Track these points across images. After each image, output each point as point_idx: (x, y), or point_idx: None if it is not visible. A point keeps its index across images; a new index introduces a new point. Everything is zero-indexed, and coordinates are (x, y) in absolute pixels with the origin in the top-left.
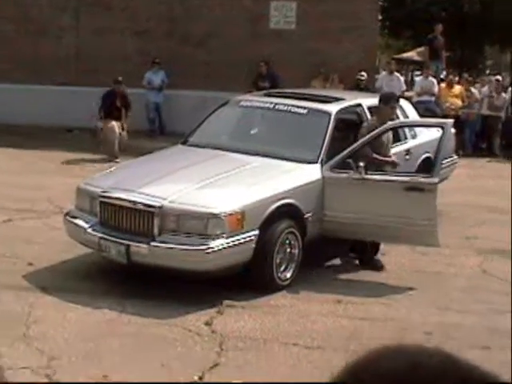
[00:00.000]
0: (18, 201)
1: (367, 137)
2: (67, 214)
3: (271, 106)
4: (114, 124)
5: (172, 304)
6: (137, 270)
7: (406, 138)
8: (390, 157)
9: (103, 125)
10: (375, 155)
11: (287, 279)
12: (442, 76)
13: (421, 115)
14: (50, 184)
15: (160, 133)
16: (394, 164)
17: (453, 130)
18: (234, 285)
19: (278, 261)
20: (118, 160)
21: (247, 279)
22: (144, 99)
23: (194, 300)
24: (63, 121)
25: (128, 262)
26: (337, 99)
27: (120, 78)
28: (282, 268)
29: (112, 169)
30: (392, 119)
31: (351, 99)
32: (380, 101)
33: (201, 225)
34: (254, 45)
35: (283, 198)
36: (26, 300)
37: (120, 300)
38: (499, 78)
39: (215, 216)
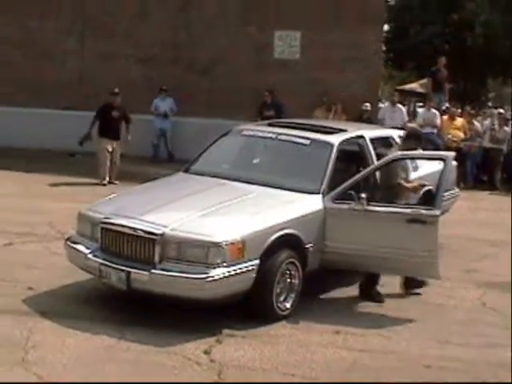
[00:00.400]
0: (18, 224)
1: (369, 168)
2: (68, 239)
3: (274, 135)
4: (108, 146)
5: (171, 332)
6: (137, 297)
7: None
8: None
9: (97, 146)
10: (405, 183)
11: (287, 309)
12: (443, 108)
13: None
14: (50, 208)
15: (168, 160)
16: (422, 186)
17: (454, 163)
18: (233, 314)
19: (278, 291)
20: (104, 182)
21: (247, 308)
22: (147, 125)
23: (194, 328)
24: (66, 145)
25: (128, 288)
26: (339, 130)
27: (116, 90)
28: (282, 298)
29: (113, 195)
30: None
31: (354, 131)
32: (410, 137)
33: (202, 253)
34: (258, 74)
35: (284, 228)
36: (25, 324)
37: (119, 327)
38: (501, 110)
39: (216, 245)
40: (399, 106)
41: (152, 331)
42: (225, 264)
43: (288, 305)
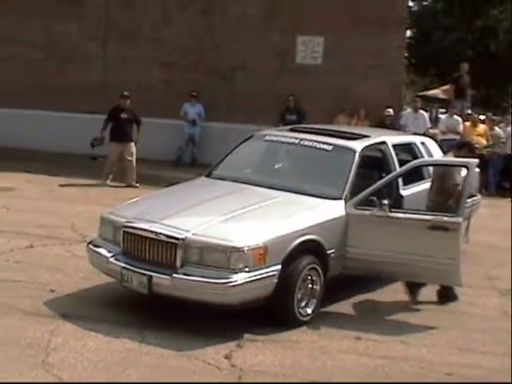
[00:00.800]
0: (39, 227)
1: (392, 175)
2: (90, 242)
3: (296, 141)
4: (117, 150)
5: (192, 336)
6: (159, 301)
7: (429, 177)
8: None
9: (109, 148)
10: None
11: (308, 315)
12: (466, 114)
13: (445, 153)
14: (72, 211)
15: (191, 164)
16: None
17: (477, 169)
18: (254, 319)
19: (299, 296)
20: (108, 182)
21: (268, 314)
22: (169, 129)
23: (214, 333)
24: (88, 148)
25: (149, 292)
26: (362, 136)
27: (126, 93)
28: (303, 303)
29: (136, 199)
30: None
31: (376, 136)
32: (463, 148)
33: (224, 258)
34: (280, 79)
35: (306, 234)
36: (47, 327)
37: (140, 330)
38: None
39: (238, 250)
40: (422, 112)
41: (173, 335)
42: (246, 269)
43: (309, 310)
